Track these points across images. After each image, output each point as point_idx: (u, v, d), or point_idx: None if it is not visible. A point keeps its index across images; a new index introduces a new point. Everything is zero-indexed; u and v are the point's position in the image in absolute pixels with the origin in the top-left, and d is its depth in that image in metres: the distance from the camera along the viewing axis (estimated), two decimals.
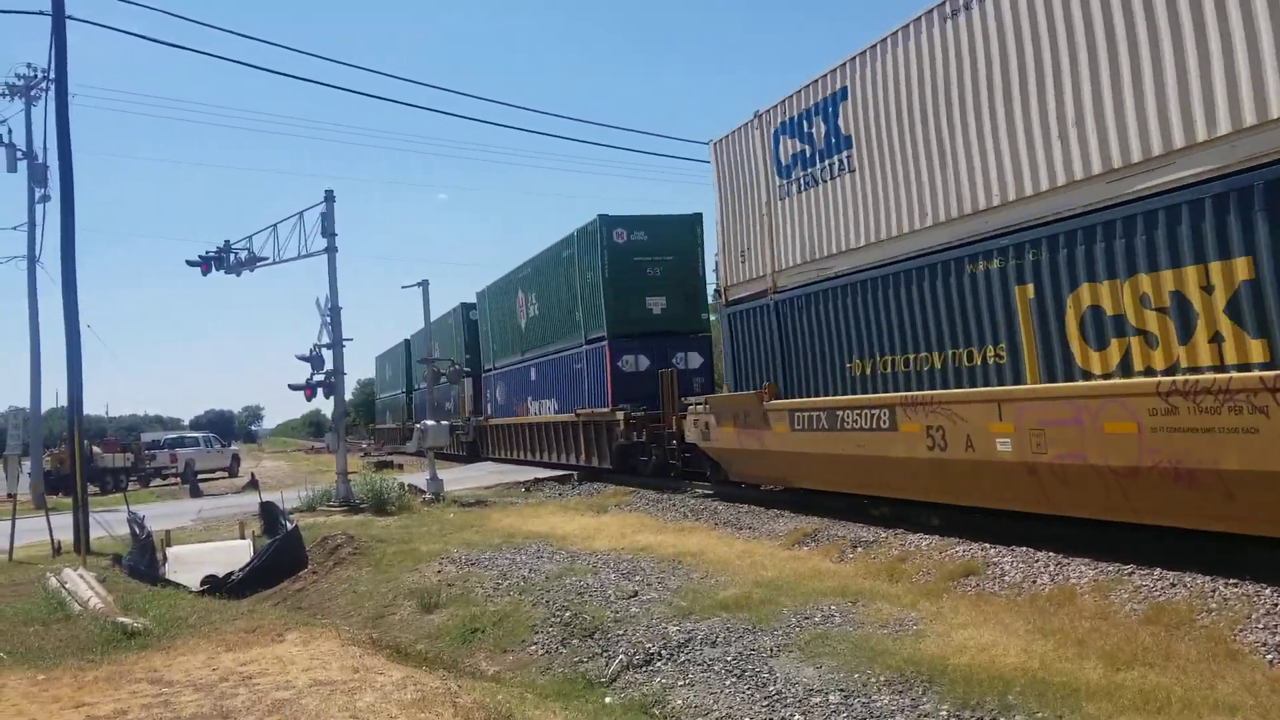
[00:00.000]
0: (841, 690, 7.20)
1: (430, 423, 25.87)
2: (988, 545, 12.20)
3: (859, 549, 13.22)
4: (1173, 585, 9.59)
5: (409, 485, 24.86)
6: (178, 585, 13.86)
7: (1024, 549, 11.76)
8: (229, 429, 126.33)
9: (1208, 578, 9.60)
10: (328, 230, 24.42)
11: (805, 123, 15.67)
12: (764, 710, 7.26)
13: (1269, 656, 7.64)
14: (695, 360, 25.42)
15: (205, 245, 26.37)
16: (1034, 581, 10.61)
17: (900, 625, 8.66)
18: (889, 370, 13.77)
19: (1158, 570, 10.09)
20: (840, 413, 14.59)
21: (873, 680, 7.26)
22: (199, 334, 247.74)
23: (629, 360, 25.12)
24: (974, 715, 6.50)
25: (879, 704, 6.89)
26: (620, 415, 24.07)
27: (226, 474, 44.66)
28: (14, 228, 33.58)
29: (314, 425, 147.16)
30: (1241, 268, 8.98)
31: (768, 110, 16.76)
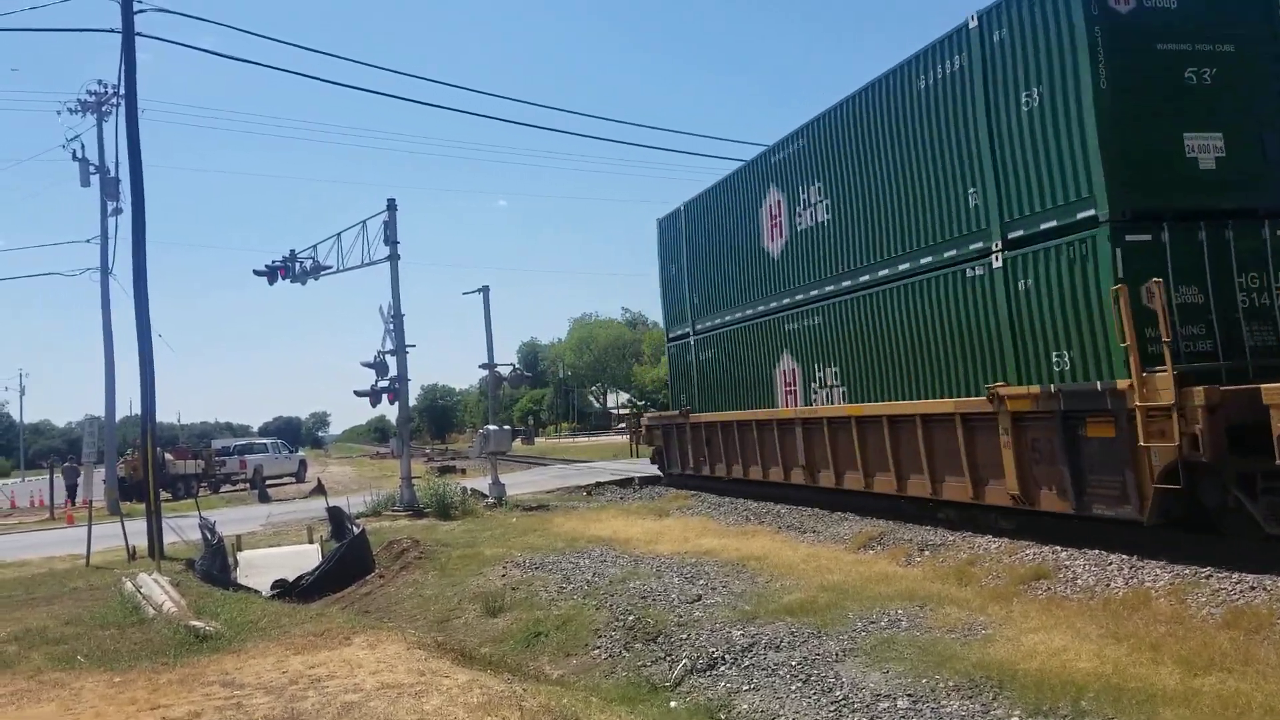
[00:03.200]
0: (909, 695, 7.10)
1: (492, 427, 26.07)
2: (1058, 548, 11.97)
3: (926, 552, 13.04)
4: (1252, 588, 9.32)
5: (472, 490, 25.05)
6: (249, 589, 14.08)
7: (1096, 552, 11.52)
8: (296, 435, 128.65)
9: None
10: (390, 238, 24.71)
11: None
12: (830, 715, 7.19)
13: None
14: None
15: (271, 254, 26.82)
16: (1107, 585, 10.38)
17: (969, 630, 8.53)
18: None
19: (1236, 573, 9.82)
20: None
21: (941, 685, 7.15)
22: (266, 341, 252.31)
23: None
24: None
25: (948, 709, 6.78)
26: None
27: (294, 480, 45.34)
28: (87, 240, 34.22)
29: (379, 431, 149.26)
30: None
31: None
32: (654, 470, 26.95)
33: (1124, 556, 11.10)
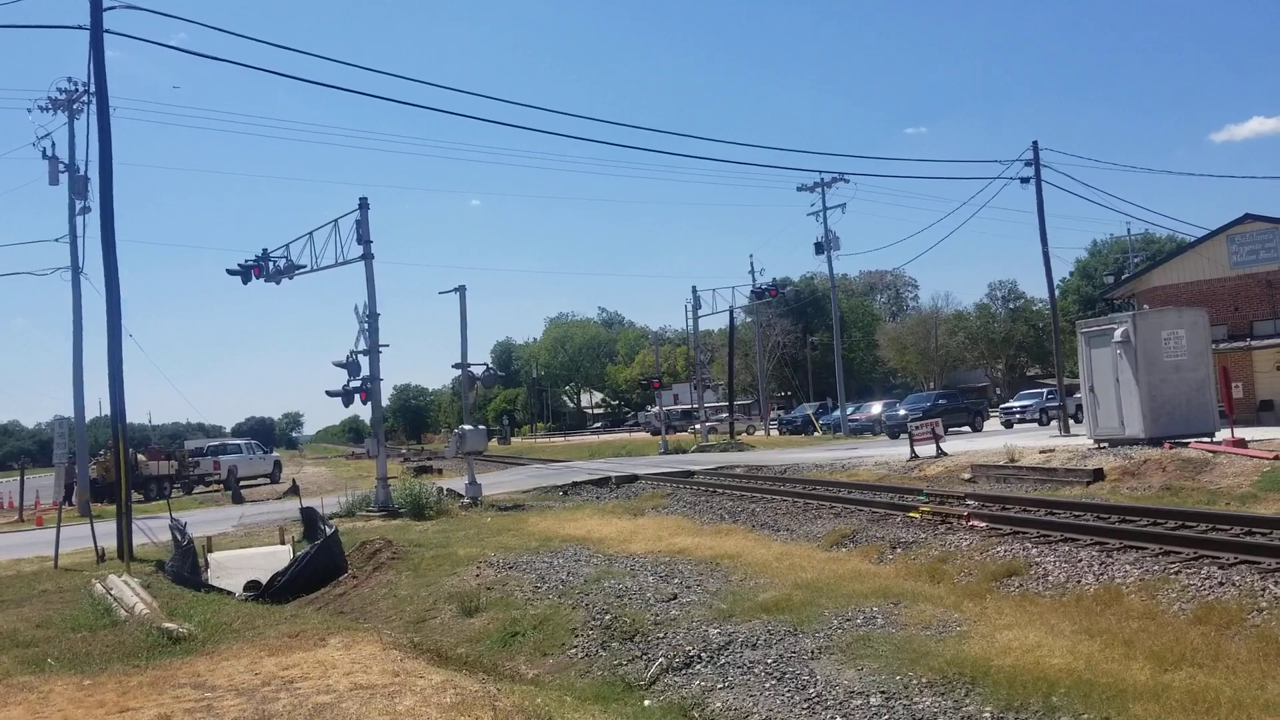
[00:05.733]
0: (883, 692, 7.12)
1: (468, 427, 25.96)
2: (1029, 545, 12.07)
3: (898, 550, 13.11)
4: (1221, 584, 9.45)
5: (447, 490, 24.97)
6: (221, 591, 13.97)
7: (1066, 548, 11.62)
8: (270, 436, 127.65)
9: (1257, 576, 9.45)
10: (363, 237, 24.53)
11: None
12: (805, 713, 7.20)
13: None
14: None
15: (244, 253, 26.59)
16: (1078, 581, 10.47)
17: (943, 627, 8.56)
18: None
19: (1205, 569, 9.94)
20: None
21: (915, 682, 7.18)
22: (240, 342, 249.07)
23: None
24: (1018, 717, 6.40)
25: (921, 706, 6.81)
26: None
27: (268, 480, 45.01)
28: (56, 239, 33.79)
29: (353, 431, 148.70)
30: None
31: None
32: (630, 469, 26.92)
33: (1094, 553, 11.21)
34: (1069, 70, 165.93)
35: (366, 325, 24.26)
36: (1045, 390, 46.95)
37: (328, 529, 17.27)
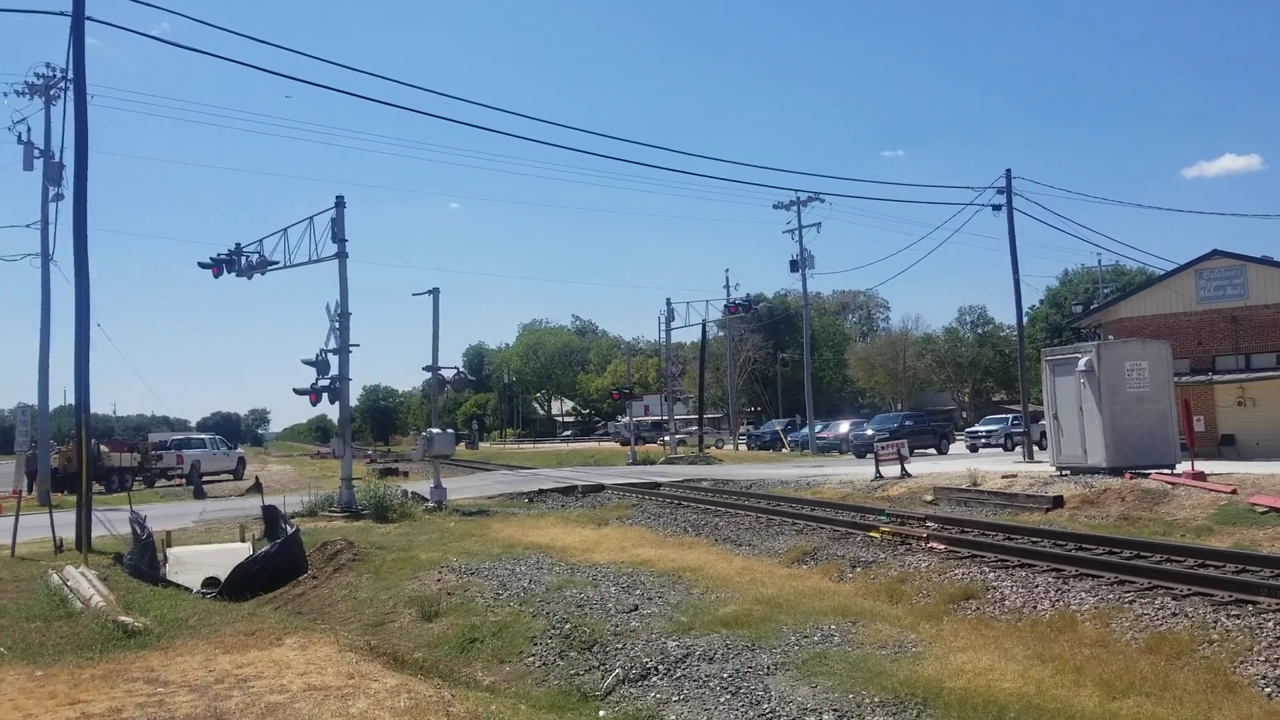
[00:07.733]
0: (836, 710, 7.17)
1: (435, 430, 25.89)
2: (988, 569, 12.18)
3: (858, 569, 13.19)
4: (1174, 615, 9.57)
5: (412, 493, 24.87)
6: (179, 586, 13.86)
7: (1024, 573, 11.74)
8: (236, 431, 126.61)
9: (1210, 608, 9.58)
10: (338, 235, 24.44)
11: None
12: None
13: (1268, 690, 7.63)
14: None
15: (217, 247, 26.25)
16: (1034, 607, 10.58)
17: (898, 647, 8.63)
18: None
19: (1160, 599, 10.07)
20: None
21: (868, 701, 7.23)
22: (209, 336, 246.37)
23: None
24: None
25: None
26: None
27: (232, 477, 44.66)
28: (28, 225, 33.48)
29: (320, 430, 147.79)
30: None
31: None
32: (597, 479, 26.93)
33: (1051, 579, 11.32)
34: (1045, 100, 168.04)
35: (337, 324, 24.13)
36: (1010, 416, 47.35)
37: (289, 528, 17.17)
